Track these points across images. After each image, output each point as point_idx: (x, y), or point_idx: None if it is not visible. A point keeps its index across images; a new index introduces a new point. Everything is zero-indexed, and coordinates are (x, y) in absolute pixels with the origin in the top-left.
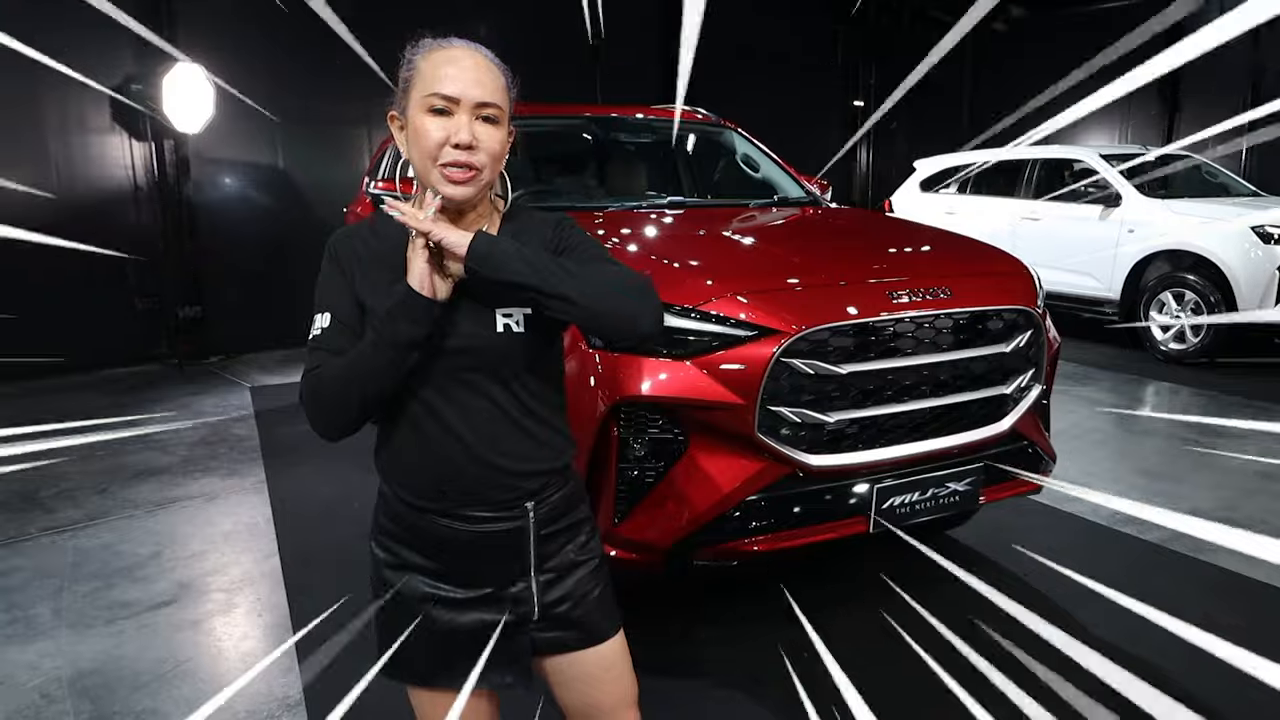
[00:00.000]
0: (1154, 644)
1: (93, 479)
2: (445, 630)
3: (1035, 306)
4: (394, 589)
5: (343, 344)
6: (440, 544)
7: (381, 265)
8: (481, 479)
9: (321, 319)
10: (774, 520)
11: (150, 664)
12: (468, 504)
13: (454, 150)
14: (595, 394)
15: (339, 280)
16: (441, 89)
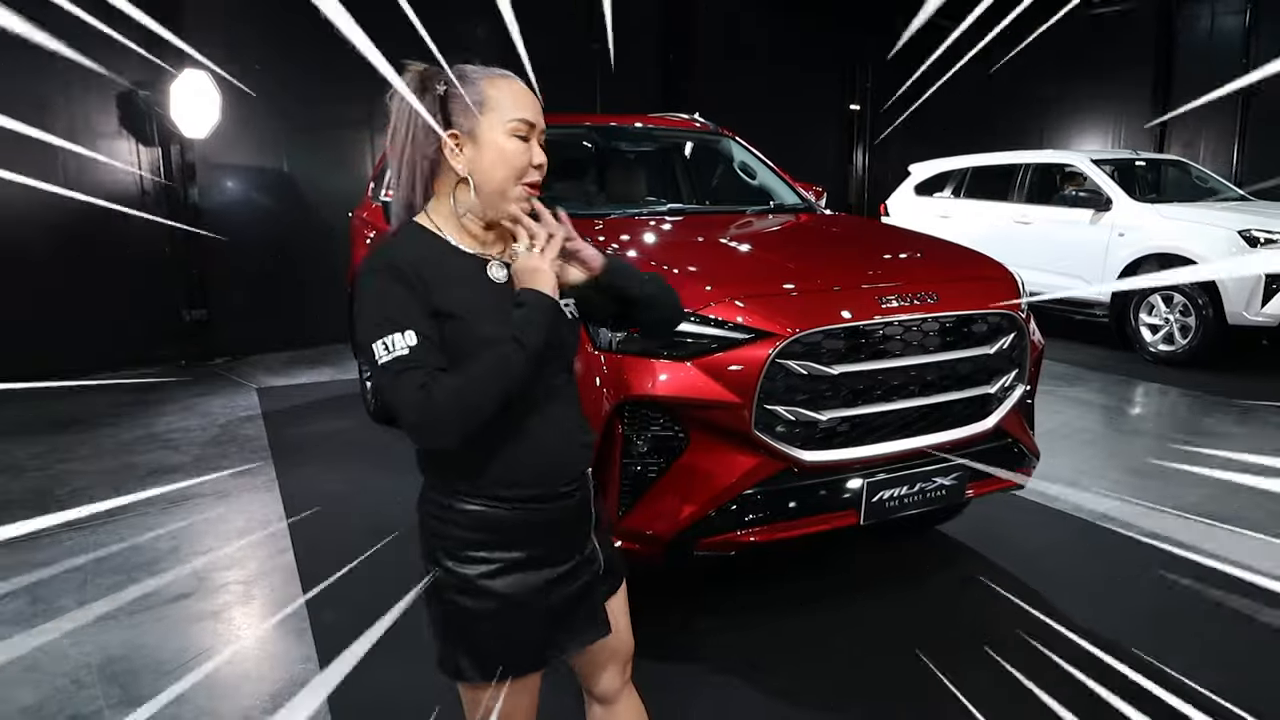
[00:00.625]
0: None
1: (107, 478)
2: (557, 606)
3: (1018, 310)
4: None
5: (438, 359)
6: (539, 529)
7: (450, 276)
8: (570, 455)
9: (405, 337)
10: (770, 513)
11: (173, 652)
12: (560, 481)
13: (535, 171)
14: (600, 394)
15: (411, 298)
16: (525, 116)
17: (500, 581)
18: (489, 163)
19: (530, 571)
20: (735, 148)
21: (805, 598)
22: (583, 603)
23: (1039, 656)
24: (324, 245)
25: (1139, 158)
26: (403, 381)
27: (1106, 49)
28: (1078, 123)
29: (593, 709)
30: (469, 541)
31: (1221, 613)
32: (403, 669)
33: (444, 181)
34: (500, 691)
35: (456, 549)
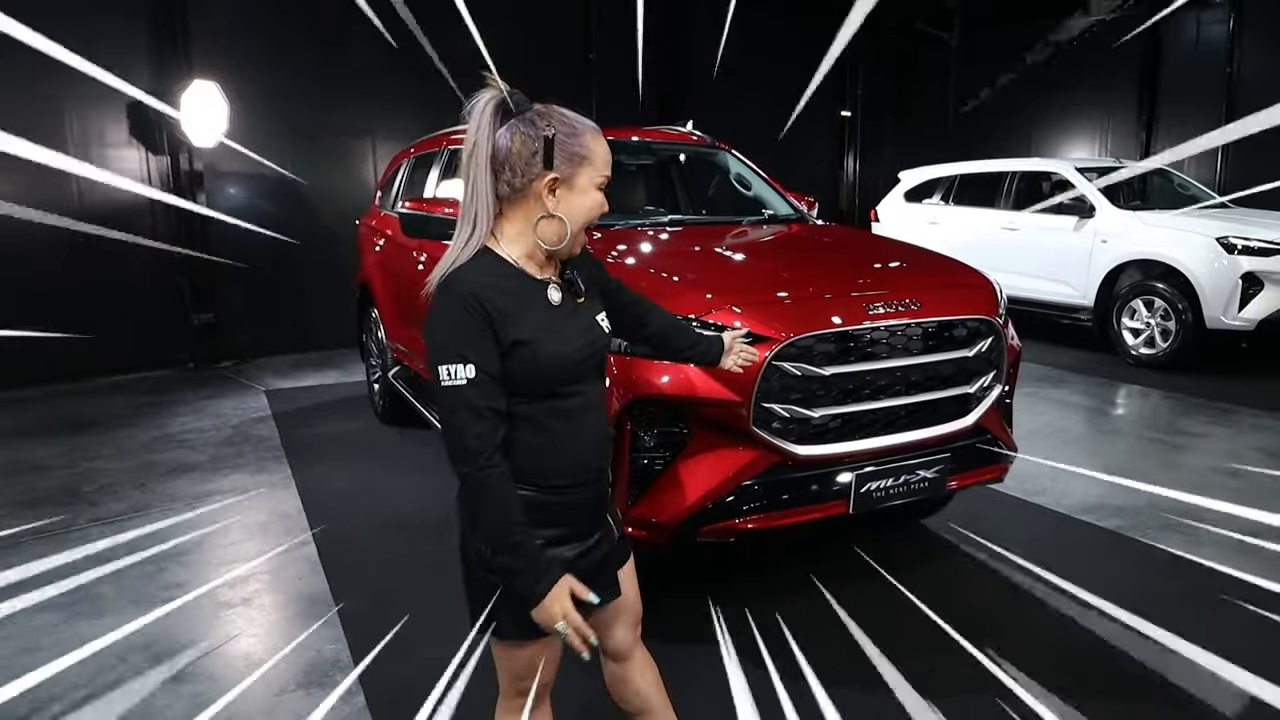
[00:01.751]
0: (1097, 619)
1: (130, 475)
2: (582, 574)
3: (996, 315)
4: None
5: (490, 398)
6: (578, 511)
7: (521, 300)
8: (604, 447)
9: (465, 369)
10: (766, 502)
11: (209, 635)
12: (596, 470)
13: (603, 209)
14: (611, 393)
15: (481, 332)
16: (608, 173)
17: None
18: (578, 209)
19: (563, 546)
20: (730, 160)
21: (798, 583)
22: (601, 569)
23: (1014, 638)
24: (328, 249)
25: (1123, 166)
26: (458, 420)
27: (1093, 57)
28: (1065, 130)
29: (608, 665)
30: None
31: (1196, 604)
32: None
33: (522, 211)
34: (531, 646)
35: None
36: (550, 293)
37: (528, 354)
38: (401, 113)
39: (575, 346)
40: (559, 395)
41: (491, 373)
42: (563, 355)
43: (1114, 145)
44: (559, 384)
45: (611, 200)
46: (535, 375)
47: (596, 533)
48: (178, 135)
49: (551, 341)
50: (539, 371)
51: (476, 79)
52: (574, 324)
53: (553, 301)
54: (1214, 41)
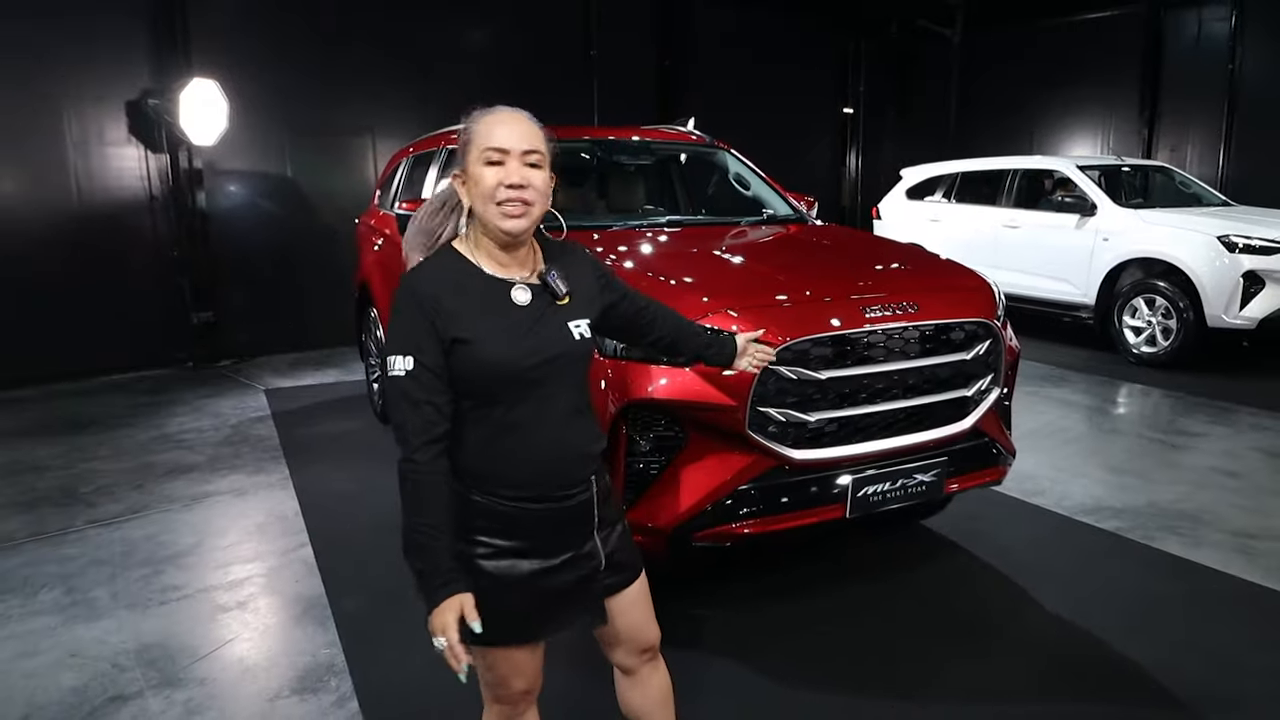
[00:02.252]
0: (1092, 616)
1: (128, 476)
2: (544, 592)
3: (994, 318)
4: (493, 574)
5: (427, 390)
6: (534, 525)
7: (473, 300)
8: (572, 464)
9: (405, 361)
10: (762, 506)
11: (204, 639)
12: (561, 486)
13: (507, 190)
14: (606, 396)
15: (425, 328)
16: (494, 143)
17: (492, 564)
18: (477, 195)
19: (520, 559)
20: (730, 159)
21: (796, 587)
22: (577, 593)
23: (1013, 639)
24: (326, 248)
25: (1124, 164)
26: (399, 412)
27: (1095, 54)
28: (1067, 127)
29: (616, 673)
30: (472, 526)
31: (1195, 606)
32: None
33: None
34: (500, 651)
35: (462, 531)
36: (516, 294)
37: (466, 353)
38: (401, 111)
39: (524, 351)
40: (503, 402)
41: (431, 367)
42: (506, 359)
43: (1116, 143)
44: (502, 388)
45: (610, 200)
46: (474, 376)
47: (566, 553)
48: (177, 133)
49: (495, 343)
50: (478, 372)
51: (478, 77)
52: (535, 327)
53: (517, 302)
54: (1216, 38)
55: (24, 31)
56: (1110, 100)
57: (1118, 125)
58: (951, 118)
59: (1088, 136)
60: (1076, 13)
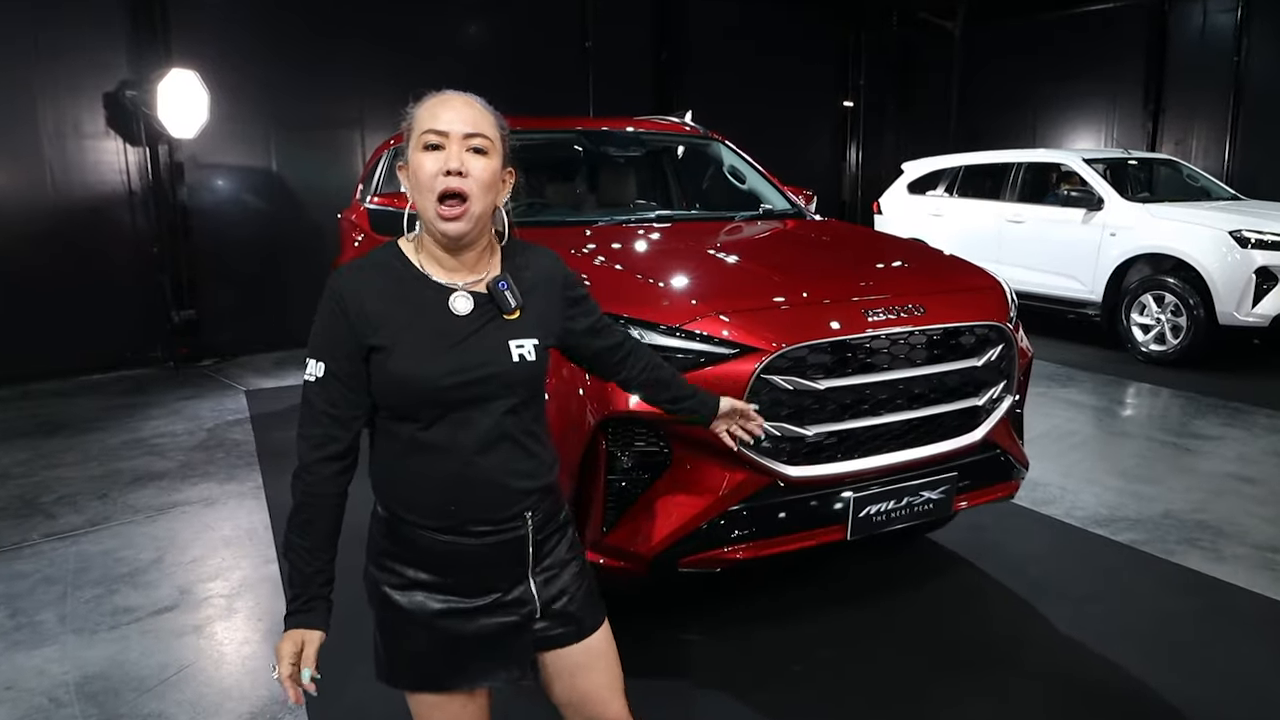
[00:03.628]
0: (1110, 637)
1: (93, 484)
2: (456, 637)
3: (1006, 320)
4: (400, 607)
5: (329, 401)
6: (447, 560)
7: (401, 304)
8: (490, 498)
9: (317, 367)
10: (755, 529)
11: (154, 668)
12: (475, 520)
13: (445, 178)
14: (584, 408)
15: (342, 333)
16: (433, 126)
17: (401, 596)
18: (415, 185)
19: (431, 594)
20: (725, 151)
21: (788, 610)
22: (501, 643)
23: (1026, 668)
24: (312, 244)
25: (1131, 157)
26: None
27: (1099, 47)
28: (1070, 120)
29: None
30: (383, 549)
31: (1218, 626)
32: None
33: None
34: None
35: (377, 554)
36: (455, 302)
37: (379, 362)
38: (391, 103)
39: (447, 368)
40: (418, 420)
41: (341, 376)
42: (419, 375)
43: (1120, 136)
44: (415, 406)
45: (600, 194)
46: (386, 387)
47: (487, 596)
48: (156, 126)
49: (413, 355)
50: (388, 383)
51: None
52: (467, 341)
53: (455, 311)
54: (1221, 30)
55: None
56: (1114, 93)
57: (1122, 119)
58: (953, 111)
59: (1091, 130)
60: (1080, 4)
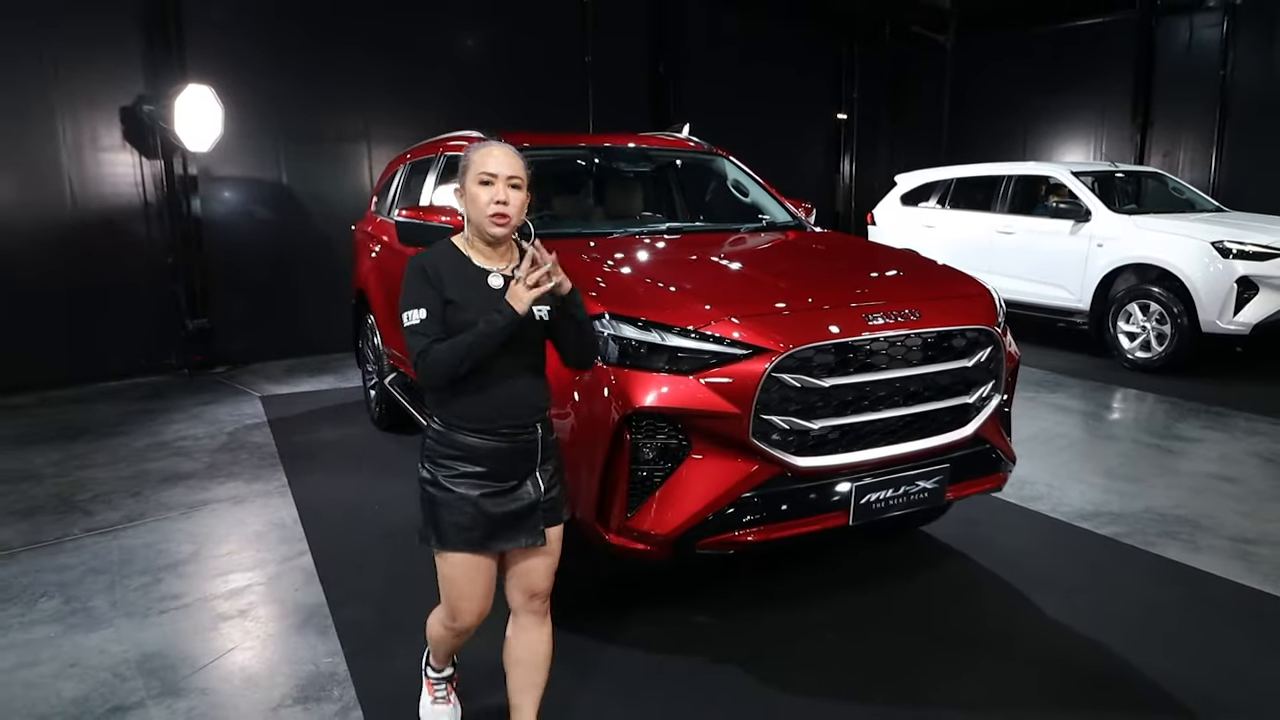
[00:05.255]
0: (1096, 625)
1: (125, 484)
2: (490, 514)
3: (995, 325)
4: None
5: (437, 330)
6: (484, 455)
7: (460, 277)
8: (517, 410)
9: (419, 313)
10: (766, 514)
11: (205, 648)
12: (506, 426)
13: (496, 205)
14: (609, 404)
15: (429, 289)
16: (486, 170)
17: (455, 484)
18: (473, 205)
19: (473, 481)
20: (728, 166)
21: (796, 595)
22: (519, 517)
23: (1019, 651)
24: (322, 254)
25: (1118, 170)
26: (413, 343)
27: (1088, 60)
28: (1060, 133)
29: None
30: (440, 453)
31: (1196, 612)
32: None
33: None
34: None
35: (433, 455)
36: (491, 279)
37: (452, 312)
38: (397, 117)
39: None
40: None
41: (435, 314)
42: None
43: (1109, 148)
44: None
45: (609, 207)
46: (455, 330)
47: (511, 482)
48: (172, 139)
49: (474, 310)
50: (458, 327)
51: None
52: (498, 306)
53: (492, 285)
54: (1208, 43)
55: (16, 35)
56: (1103, 106)
57: (1110, 131)
58: (945, 124)
59: (1081, 142)
60: (1069, 19)
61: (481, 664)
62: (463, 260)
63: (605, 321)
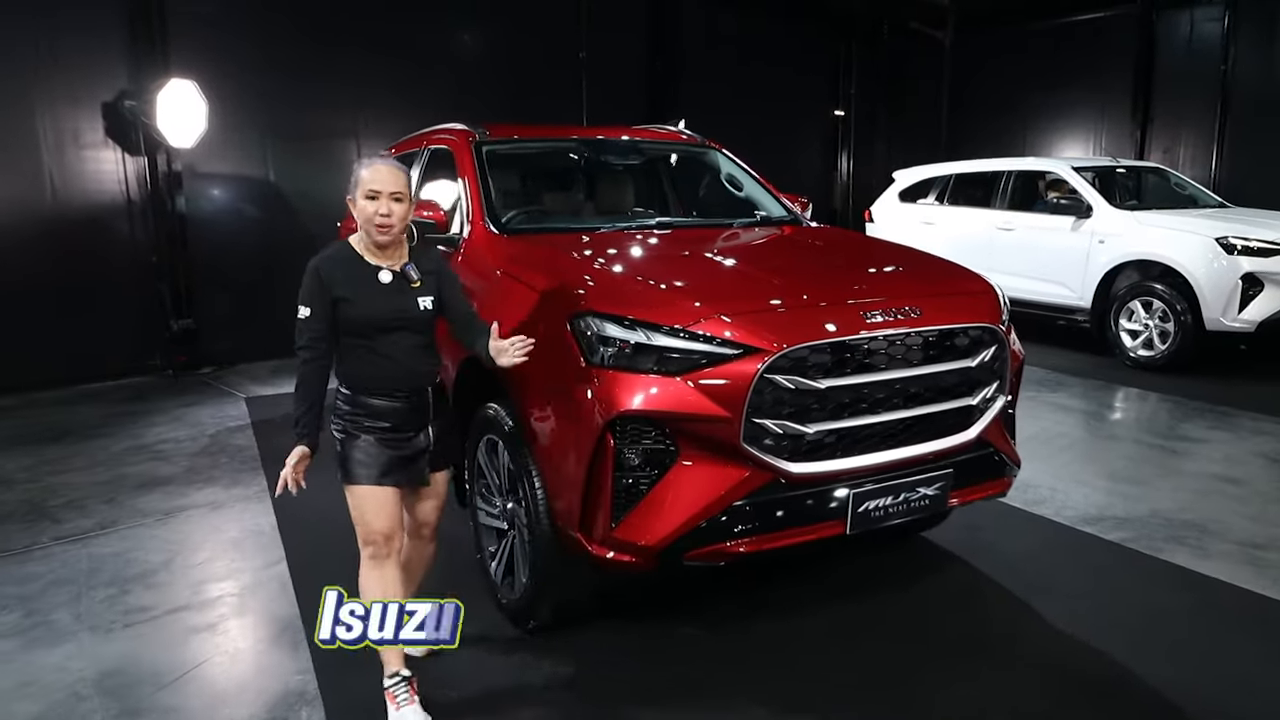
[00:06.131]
0: (1101, 632)
1: (99, 489)
2: (391, 457)
3: (999, 323)
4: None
5: (316, 329)
6: (385, 413)
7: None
8: (409, 377)
9: (304, 310)
10: (758, 524)
11: (170, 665)
12: (400, 390)
13: (380, 217)
14: (593, 408)
15: (319, 289)
16: (372, 187)
17: (362, 436)
18: (359, 214)
19: (380, 431)
20: (721, 159)
21: (787, 604)
22: (413, 461)
23: (1021, 658)
24: (310, 255)
25: (1119, 165)
26: (298, 333)
27: (1088, 55)
28: (1059, 129)
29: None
30: (349, 412)
31: (1204, 620)
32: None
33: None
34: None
35: (343, 414)
36: (381, 275)
37: (345, 307)
38: (387, 113)
39: (383, 311)
40: (371, 337)
41: (318, 313)
42: (371, 313)
43: (1109, 144)
44: (370, 330)
45: (599, 201)
46: (350, 321)
47: (408, 434)
48: (155, 136)
49: (363, 304)
50: (353, 319)
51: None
52: (392, 297)
53: (382, 281)
54: (1209, 39)
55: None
56: (1102, 102)
57: (1110, 127)
58: (943, 120)
59: (1080, 138)
60: (1068, 14)
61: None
62: (356, 259)
63: (589, 320)
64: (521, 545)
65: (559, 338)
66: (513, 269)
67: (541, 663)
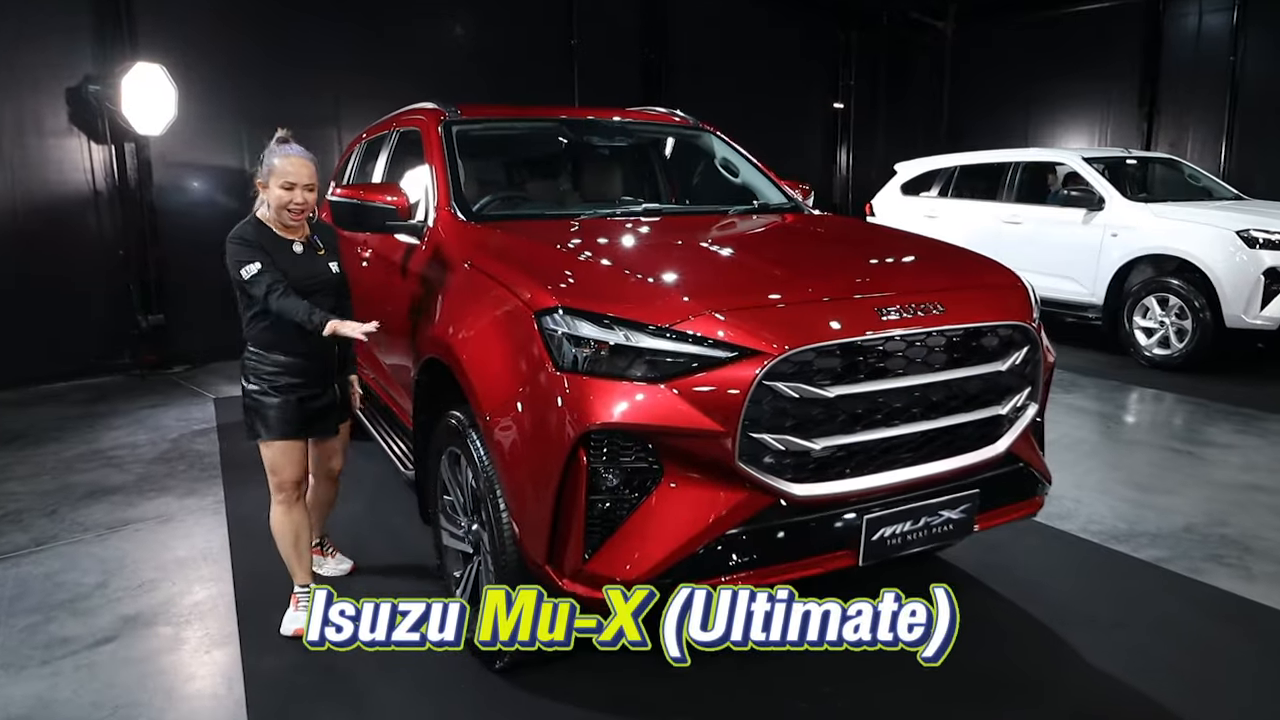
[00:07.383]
0: (1144, 670)
1: (42, 500)
2: (302, 411)
3: (1031, 321)
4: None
5: (275, 275)
6: (293, 368)
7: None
8: (321, 342)
9: (254, 266)
10: (756, 555)
11: (87, 708)
12: (315, 349)
13: (296, 205)
14: (563, 419)
15: (255, 250)
16: (287, 180)
17: (274, 391)
18: (274, 199)
19: (293, 389)
20: (717, 143)
21: None
22: (321, 414)
23: (1052, 704)
24: None
25: (1131, 156)
26: (260, 282)
27: (1093, 46)
28: (1064, 120)
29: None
30: (259, 371)
31: (1254, 655)
32: None
33: None
34: (275, 445)
35: (257, 372)
36: (294, 246)
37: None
38: (369, 101)
39: (303, 274)
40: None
41: (266, 265)
42: (292, 277)
43: (1114, 136)
44: (302, 294)
45: (585, 187)
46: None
47: (316, 389)
48: (121, 122)
49: (285, 269)
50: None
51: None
52: (304, 265)
53: (295, 251)
54: (1217, 29)
55: None
56: (1108, 93)
57: (1116, 118)
58: (945, 111)
59: (1085, 130)
60: (1073, 3)
61: None
62: (267, 232)
63: (558, 318)
64: (487, 574)
65: (526, 338)
66: (479, 260)
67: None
